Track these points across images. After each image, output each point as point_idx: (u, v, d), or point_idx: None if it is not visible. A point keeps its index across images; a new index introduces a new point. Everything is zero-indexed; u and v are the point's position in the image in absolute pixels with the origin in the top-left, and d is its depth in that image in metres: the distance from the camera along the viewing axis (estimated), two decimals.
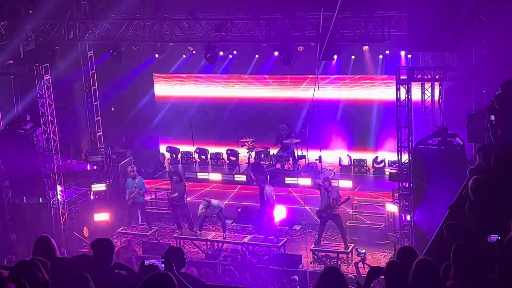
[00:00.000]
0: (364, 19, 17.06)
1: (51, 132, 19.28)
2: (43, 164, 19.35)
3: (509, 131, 10.43)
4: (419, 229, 16.30)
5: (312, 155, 22.63)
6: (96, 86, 21.41)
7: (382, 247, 18.49)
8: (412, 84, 17.16)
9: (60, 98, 20.26)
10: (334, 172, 22.68)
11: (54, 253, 7.37)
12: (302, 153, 22.62)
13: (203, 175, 22.96)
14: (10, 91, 20.05)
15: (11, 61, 19.31)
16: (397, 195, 17.70)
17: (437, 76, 17.06)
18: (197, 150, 24.62)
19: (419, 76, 17.18)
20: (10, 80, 19.90)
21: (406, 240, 17.15)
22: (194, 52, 23.00)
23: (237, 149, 23.47)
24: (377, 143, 23.08)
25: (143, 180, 20.19)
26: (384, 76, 22.35)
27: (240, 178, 22.56)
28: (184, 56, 24.19)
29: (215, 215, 19.33)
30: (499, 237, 6.87)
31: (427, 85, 18.66)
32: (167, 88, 25.68)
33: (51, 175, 19.37)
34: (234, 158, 23.93)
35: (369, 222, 19.66)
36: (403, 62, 20.71)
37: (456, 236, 7.09)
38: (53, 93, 19.35)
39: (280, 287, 16.56)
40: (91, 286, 6.07)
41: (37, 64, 19.05)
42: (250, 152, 22.70)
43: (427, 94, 18.98)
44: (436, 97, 18.98)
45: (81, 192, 20.83)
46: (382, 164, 22.55)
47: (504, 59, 15.09)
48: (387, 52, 21.55)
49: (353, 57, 22.11)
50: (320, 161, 22.55)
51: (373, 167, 22.86)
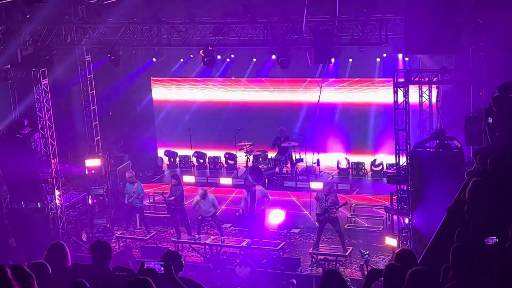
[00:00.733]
0: (361, 22, 17.08)
1: (49, 136, 19.26)
2: (41, 169, 19.32)
3: (507, 133, 10.43)
4: (418, 232, 16.29)
5: (310, 158, 22.66)
6: (94, 91, 21.39)
7: (380, 250, 18.49)
8: (410, 87, 17.15)
9: (58, 102, 20.26)
10: (332, 176, 22.71)
11: (65, 262, 7.33)
12: (300, 156, 22.64)
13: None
14: (8, 96, 20.04)
15: (8, 66, 19.28)
16: (395, 198, 17.72)
17: (435, 79, 17.06)
18: (195, 154, 24.63)
19: (416, 79, 17.17)
20: (7, 84, 19.89)
21: (404, 243, 17.15)
22: (192, 56, 23.03)
23: (235, 153, 23.47)
24: (375, 146, 23.10)
25: (142, 185, 20.18)
26: (382, 79, 22.38)
27: (238, 181, 22.57)
28: (182, 60, 24.21)
29: (210, 218, 19.28)
30: (497, 240, 6.88)
31: (425, 88, 18.66)
32: (165, 92, 25.70)
33: (49, 179, 19.34)
34: (232, 162, 23.94)
35: (367, 225, 19.68)
36: (401, 65, 20.75)
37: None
38: (50, 98, 19.33)
39: None
40: None
41: (34, 69, 19.02)
42: (248, 156, 22.69)
43: (425, 96, 18.98)
44: (434, 99, 18.99)
45: (79, 196, 20.79)
46: (380, 167, 22.57)
47: (501, 62, 15.11)
48: (385, 55, 21.60)
49: (350, 60, 22.15)
50: (318, 164, 22.59)
51: (371, 170, 22.89)
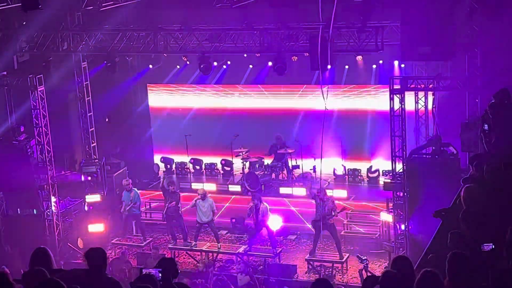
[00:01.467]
0: (357, 29, 17.12)
1: (45, 143, 19.24)
2: (37, 175, 19.32)
3: (502, 140, 10.47)
4: (414, 238, 16.31)
5: (306, 164, 22.66)
6: (90, 97, 21.38)
7: (377, 257, 18.48)
8: (406, 94, 17.20)
9: (54, 109, 20.21)
10: (329, 182, 22.69)
11: (51, 265, 7.36)
12: (296, 163, 22.63)
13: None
14: (4, 102, 20.02)
15: (5, 72, 19.27)
16: (392, 204, 17.73)
17: (431, 86, 17.11)
18: (192, 161, 24.61)
19: (412, 86, 17.22)
20: (4, 91, 19.89)
21: (401, 249, 17.16)
22: (188, 62, 23.01)
23: (231, 159, 23.47)
24: (371, 152, 23.10)
25: (139, 193, 20.15)
26: (378, 86, 22.40)
27: (234, 188, 22.55)
28: (178, 66, 24.20)
29: (206, 225, 19.25)
30: (493, 246, 6.89)
31: (421, 95, 18.69)
32: (161, 98, 25.67)
33: (45, 186, 19.33)
34: (229, 168, 23.93)
35: (363, 231, 19.68)
36: (397, 71, 20.74)
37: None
38: (47, 104, 19.33)
39: None
40: None
41: (31, 75, 19.04)
42: (244, 162, 22.68)
43: (421, 103, 19.01)
44: (430, 106, 19.03)
45: (75, 203, 20.74)
46: (377, 173, 22.58)
47: (496, 69, 15.17)
48: (381, 62, 21.59)
49: (346, 67, 22.16)
50: (315, 171, 22.57)
51: (368, 176, 22.88)
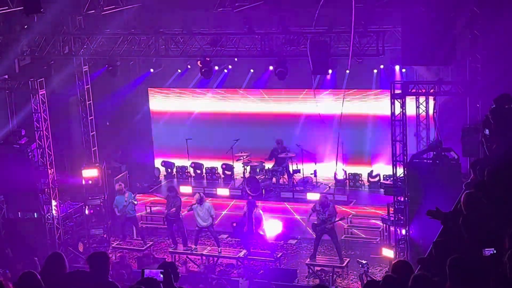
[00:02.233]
0: (358, 33, 17.11)
1: (46, 147, 19.25)
2: (38, 179, 19.30)
3: (504, 145, 10.45)
4: (414, 243, 16.29)
5: (307, 169, 22.65)
6: (91, 101, 21.36)
7: (377, 261, 18.46)
8: (407, 98, 17.20)
9: (55, 113, 20.23)
10: (330, 186, 22.69)
11: (63, 270, 7.32)
12: (297, 167, 22.63)
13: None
14: (5, 106, 20.06)
15: (6, 76, 19.31)
16: (392, 209, 17.71)
17: (432, 90, 17.09)
18: (192, 165, 24.61)
19: (413, 90, 17.21)
20: (5, 95, 19.93)
21: (401, 254, 17.13)
22: (189, 66, 23.05)
23: (232, 164, 23.45)
24: (372, 157, 23.09)
25: (133, 194, 20.16)
26: (379, 90, 22.40)
27: (235, 192, 22.54)
28: (179, 70, 24.22)
29: (206, 229, 19.22)
30: (494, 251, 6.87)
31: (422, 99, 18.69)
32: (162, 102, 25.69)
33: (46, 190, 19.32)
34: (229, 173, 23.92)
35: (364, 236, 19.66)
36: (398, 76, 20.77)
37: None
38: (48, 108, 19.33)
39: None
40: None
41: (32, 79, 19.03)
42: (245, 167, 22.68)
43: (422, 108, 19.01)
44: (431, 111, 19.02)
45: (76, 207, 20.76)
46: (377, 178, 22.57)
47: (498, 73, 15.14)
48: (382, 66, 21.63)
49: (347, 71, 22.16)
50: (315, 175, 22.58)
51: (368, 181, 22.87)
